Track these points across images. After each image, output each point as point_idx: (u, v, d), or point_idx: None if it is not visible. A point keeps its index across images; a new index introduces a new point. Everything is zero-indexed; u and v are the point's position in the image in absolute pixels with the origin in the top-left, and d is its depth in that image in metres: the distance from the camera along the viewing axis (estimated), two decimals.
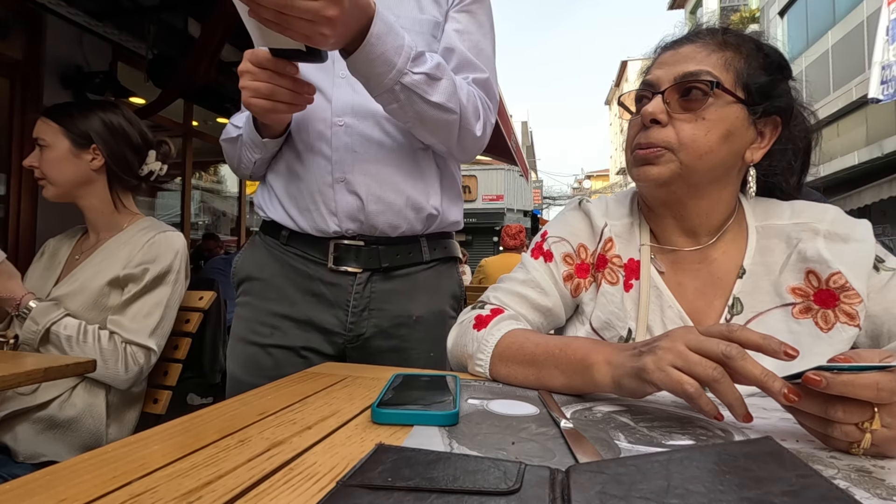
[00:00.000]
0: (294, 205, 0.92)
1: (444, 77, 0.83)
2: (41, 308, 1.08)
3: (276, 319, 0.93)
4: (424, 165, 0.94)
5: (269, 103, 0.75)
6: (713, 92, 0.64)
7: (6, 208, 2.42)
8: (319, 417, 0.48)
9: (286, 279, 0.94)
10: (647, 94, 0.69)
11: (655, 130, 0.66)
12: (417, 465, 0.33)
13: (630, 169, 0.72)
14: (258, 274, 0.96)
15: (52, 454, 1.07)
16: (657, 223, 0.75)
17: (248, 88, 0.75)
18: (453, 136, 0.90)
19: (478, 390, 0.58)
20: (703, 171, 0.66)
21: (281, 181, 0.94)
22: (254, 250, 0.99)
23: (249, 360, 0.93)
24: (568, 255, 0.78)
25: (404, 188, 0.91)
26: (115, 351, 1.09)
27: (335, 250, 0.91)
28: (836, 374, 0.38)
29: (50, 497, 0.31)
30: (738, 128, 0.66)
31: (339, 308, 0.93)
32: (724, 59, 0.66)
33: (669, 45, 0.72)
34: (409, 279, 0.96)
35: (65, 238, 1.31)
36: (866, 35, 8.24)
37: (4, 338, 1.08)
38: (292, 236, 0.94)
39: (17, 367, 0.82)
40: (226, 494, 0.32)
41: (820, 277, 0.64)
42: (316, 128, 0.90)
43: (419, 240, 0.96)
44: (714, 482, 0.29)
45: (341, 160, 0.88)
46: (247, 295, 0.97)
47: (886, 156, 7.95)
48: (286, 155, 0.93)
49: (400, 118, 0.85)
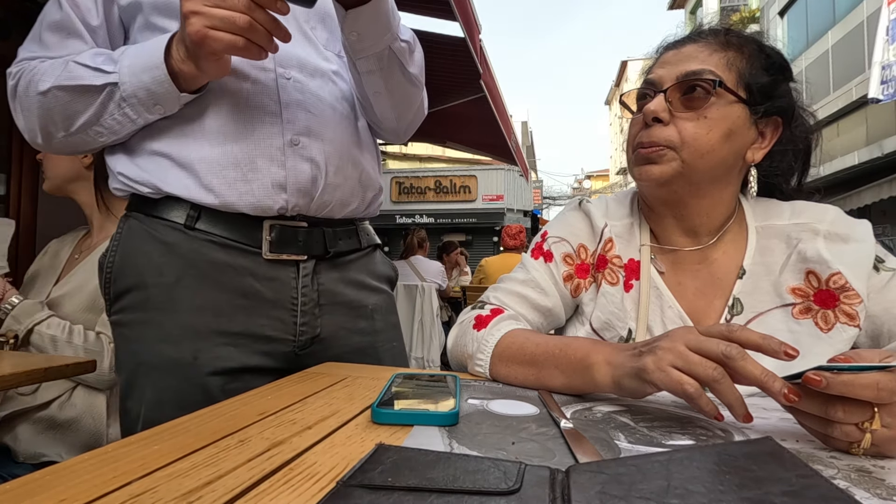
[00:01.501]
0: (218, 174, 0.69)
1: (417, 48, 0.79)
2: (24, 307, 1.08)
3: (195, 338, 0.69)
4: (367, 139, 0.84)
5: (240, 40, 0.59)
6: (715, 91, 0.64)
7: (6, 208, 2.42)
8: (319, 417, 0.48)
9: (201, 279, 0.70)
10: (649, 92, 0.69)
11: (658, 129, 0.66)
12: (417, 465, 0.33)
13: (631, 168, 0.72)
14: (154, 278, 0.70)
15: (53, 454, 1.07)
16: (658, 223, 0.75)
17: (209, 16, 0.57)
18: (411, 111, 0.84)
19: (478, 390, 0.58)
20: (704, 169, 0.66)
21: (190, 143, 0.70)
22: (136, 242, 0.72)
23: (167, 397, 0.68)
24: (568, 255, 0.78)
25: (361, 161, 0.80)
26: (102, 351, 1.09)
27: (272, 233, 0.72)
28: (837, 374, 0.38)
29: (50, 497, 0.31)
30: (739, 127, 0.66)
31: (283, 308, 0.74)
32: (726, 58, 0.66)
33: (672, 45, 0.72)
34: (351, 266, 0.83)
35: (67, 238, 1.31)
36: (866, 35, 8.24)
37: (4, 338, 1.08)
38: (205, 217, 0.70)
39: (17, 367, 0.82)
40: (226, 494, 0.32)
41: (820, 278, 0.64)
42: (255, 77, 0.71)
43: (355, 223, 0.84)
44: (714, 482, 0.29)
45: (293, 119, 0.72)
46: (140, 310, 0.70)
47: (886, 156, 7.94)
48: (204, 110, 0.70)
49: (369, 87, 0.76)
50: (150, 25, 0.71)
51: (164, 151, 0.70)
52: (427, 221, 15.58)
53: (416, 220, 15.57)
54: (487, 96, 3.31)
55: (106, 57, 0.67)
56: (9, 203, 2.41)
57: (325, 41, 0.81)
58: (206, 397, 0.67)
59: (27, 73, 0.68)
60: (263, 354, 0.74)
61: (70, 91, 0.65)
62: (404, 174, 16.42)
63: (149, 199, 0.72)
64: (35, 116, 0.68)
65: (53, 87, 0.65)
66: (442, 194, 16.19)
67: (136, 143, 0.72)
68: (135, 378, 0.70)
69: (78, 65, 0.66)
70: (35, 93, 0.66)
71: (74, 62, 0.66)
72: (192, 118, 0.70)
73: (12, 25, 2.44)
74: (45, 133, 0.70)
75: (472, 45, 2.65)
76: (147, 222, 0.72)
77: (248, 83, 0.71)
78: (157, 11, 0.70)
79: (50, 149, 0.72)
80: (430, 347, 3.62)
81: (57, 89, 0.65)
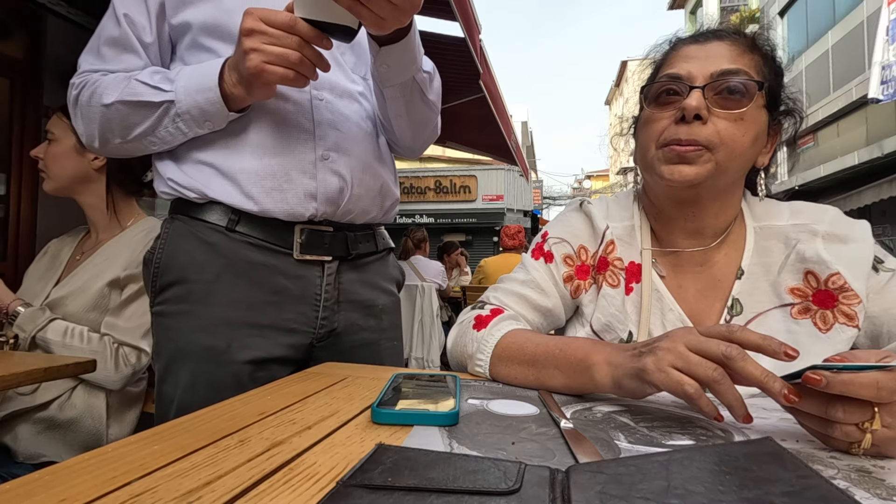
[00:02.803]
0: (257, 183, 0.77)
1: (436, 77, 0.87)
2: (27, 314, 1.09)
3: (229, 329, 0.77)
4: (387, 154, 0.93)
5: (291, 73, 0.67)
6: (757, 93, 0.63)
7: (6, 208, 2.42)
8: (319, 417, 0.48)
9: (237, 276, 0.78)
10: (675, 87, 0.66)
11: (697, 126, 0.63)
12: (417, 465, 0.33)
13: (655, 165, 0.67)
14: (196, 274, 0.78)
15: (53, 454, 1.07)
16: (662, 224, 0.74)
17: (267, 53, 0.65)
18: (426, 132, 0.93)
19: (478, 390, 0.58)
20: (733, 172, 0.65)
21: (233, 155, 0.78)
22: (180, 242, 0.80)
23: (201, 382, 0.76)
24: (568, 256, 0.77)
25: (381, 173, 0.89)
26: (105, 351, 1.10)
27: (302, 236, 0.81)
28: (836, 373, 0.38)
29: (50, 497, 0.31)
30: (762, 132, 0.66)
31: (307, 303, 0.82)
32: (754, 62, 0.66)
33: (691, 40, 0.70)
34: (368, 268, 0.91)
35: (67, 238, 1.31)
36: (866, 35, 8.24)
37: (5, 338, 1.08)
38: (244, 221, 0.79)
39: (17, 367, 0.82)
40: (226, 494, 0.32)
41: (819, 278, 0.64)
42: (293, 98, 0.80)
43: (373, 228, 0.93)
44: (714, 483, 0.29)
45: (324, 136, 0.81)
46: (183, 301, 0.78)
47: (886, 156, 7.94)
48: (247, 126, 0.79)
49: (392, 110, 0.85)
50: (197, 45, 0.79)
51: (210, 161, 0.79)
52: (427, 221, 15.58)
53: (416, 219, 15.56)
54: (487, 96, 3.31)
55: (163, 76, 0.75)
56: (9, 203, 2.41)
57: (353, 65, 0.90)
58: (235, 383, 0.75)
59: (90, 86, 0.76)
60: (287, 346, 0.81)
61: (131, 105, 0.74)
62: (404, 174, 16.41)
63: (194, 203, 0.80)
64: (96, 125, 0.77)
65: (117, 101, 0.74)
66: (442, 194, 16.19)
67: (184, 152, 0.80)
68: (172, 364, 0.77)
69: (139, 82, 0.74)
70: (98, 104, 0.75)
71: (136, 80, 0.75)
72: (236, 133, 0.79)
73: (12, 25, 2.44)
74: (102, 139, 0.78)
75: (472, 45, 2.65)
76: (191, 224, 0.80)
77: (288, 104, 0.80)
78: (205, 32, 0.78)
79: (104, 152, 0.82)
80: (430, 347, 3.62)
81: (120, 103, 0.74)
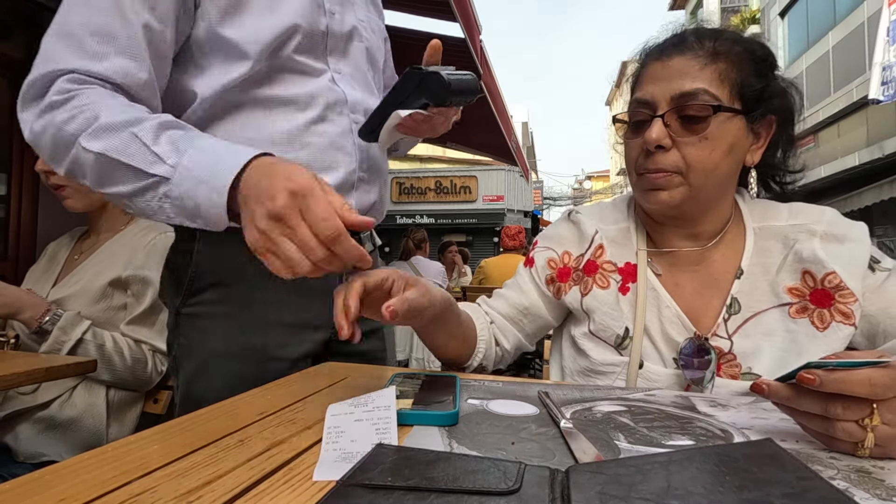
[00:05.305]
0: None
1: None
2: (70, 318, 1.09)
3: (268, 328, 0.80)
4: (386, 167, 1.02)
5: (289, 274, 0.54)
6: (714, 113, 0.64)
7: (6, 208, 2.42)
8: (319, 417, 0.48)
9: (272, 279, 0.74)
10: (642, 113, 0.69)
11: (661, 155, 0.67)
12: (417, 464, 0.33)
13: (638, 192, 0.73)
14: (234, 278, 0.79)
15: (53, 454, 1.07)
16: (658, 229, 0.76)
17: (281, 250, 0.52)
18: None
19: (478, 390, 0.58)
20: (711, 187, 0.67)
21: None
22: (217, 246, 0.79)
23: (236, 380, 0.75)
24: (552, 259, 0.82)
25: (385, 189, 0.96)
26: (144, 359, 1.16)
27: None
28: (830, 371, 0.38)
29: (50, 497, 0.31)
30: (739, 139, 0.66)
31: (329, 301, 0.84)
32: (717, 71, 0.65)
33: (657, 55, 0.70)
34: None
35: (64, 240, 1.31)
36: (867, 36, 8.24)
37: (5, 337, 1.08)
38: None
39: (17, 367, 0.82)
40: (225, 494, 0.32)
41: (815, 277, 0.64)
42: (338, 122, 0.83)
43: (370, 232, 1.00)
44: (714, 483, 0.29)
45: (362, 159, 0.86)
46: (220, 304, 0.79)
47: (887, 157, 7.93)
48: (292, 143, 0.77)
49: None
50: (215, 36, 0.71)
51: None
52: (427, 222, 15.58)
53: (417, 220, 15.55)
54: (488, 97, 3.32)
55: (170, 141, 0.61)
56: (9, 203, 2.41)
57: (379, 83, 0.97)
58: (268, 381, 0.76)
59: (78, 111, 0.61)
60: (311, 342, 0.85)
61: (116, 164, 0.60)
62: (405, 174, 16.42)
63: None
64: (66, 157, 0.63)
65: (102, 153, 0.60)
66: (442, 195, 16.19)
67: None
68: (205, 364, 0.79)
69: (137, 139, 0.60)
70: (78, 143, 0.61)
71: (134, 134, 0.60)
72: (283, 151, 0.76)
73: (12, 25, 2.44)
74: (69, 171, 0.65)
75: (473, 45, 2.66)
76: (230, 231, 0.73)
77: (335, 127, 0.82)
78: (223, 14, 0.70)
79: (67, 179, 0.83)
80: None
81: (104, 157, 0.60)
